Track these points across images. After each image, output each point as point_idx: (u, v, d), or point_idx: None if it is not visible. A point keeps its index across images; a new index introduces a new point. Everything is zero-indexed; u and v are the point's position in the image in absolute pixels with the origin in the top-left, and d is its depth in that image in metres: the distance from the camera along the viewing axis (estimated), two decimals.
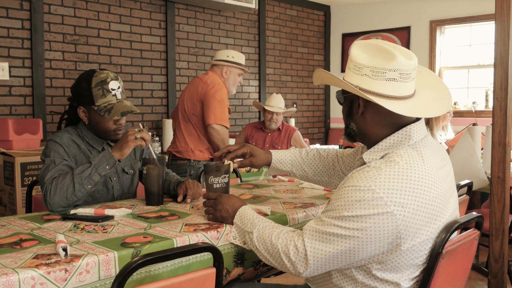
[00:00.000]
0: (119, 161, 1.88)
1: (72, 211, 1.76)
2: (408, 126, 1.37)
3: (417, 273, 1.34)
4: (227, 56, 3.45)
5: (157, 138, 4.68)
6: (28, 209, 2.29)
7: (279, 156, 1.88)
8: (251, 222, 1.50)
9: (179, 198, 1.97)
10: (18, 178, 3.07)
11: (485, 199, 4.37)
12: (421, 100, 1.39)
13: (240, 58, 3.49)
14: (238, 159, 1.86)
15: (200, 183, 2.37)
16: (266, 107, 4.35)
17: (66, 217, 1.70)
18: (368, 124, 1.41)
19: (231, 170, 1.72)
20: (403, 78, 1.34)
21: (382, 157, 1.36)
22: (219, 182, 1.69)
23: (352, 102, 1.43)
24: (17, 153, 3.12)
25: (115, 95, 1.96)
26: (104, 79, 1.95)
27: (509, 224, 2.69)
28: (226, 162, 1.75)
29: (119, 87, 1.99)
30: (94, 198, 2.03)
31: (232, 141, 4.42)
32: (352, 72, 1.39)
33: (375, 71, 1.34)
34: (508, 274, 2.73)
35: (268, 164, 1.87)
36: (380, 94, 1.34)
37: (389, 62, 1.33)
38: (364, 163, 1.41)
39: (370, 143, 1.44)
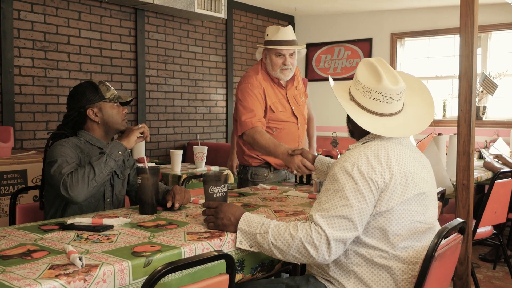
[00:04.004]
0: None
1: (69, 221, 1.78)
2: None
3: (406, 243, 1.55)
4: (266, 36, 2.75)
5: None
6: (12, 220, 2.27)
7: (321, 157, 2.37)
8: (261, 223, 1.60)
9: (168, 204, 2.02)
10: None
11: (445, 204, 4.61)
12: (400, 120, 1.68)
13: (273, 33, 2.71)
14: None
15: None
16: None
17: (64, 227, 1.72)
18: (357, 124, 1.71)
19: (231, 180, 1.79)
20: (385, 100, 1.64)
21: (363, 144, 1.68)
22: (219, 191, 1.76)
23: None
24: None
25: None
26: (99, 81, 2.24)
27: (472, 229, 2.88)
28: (225, 172, 1.82)
29: None
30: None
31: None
32: (353, 84, 1.73)
33: (365, 89, 1.66)
34: (472, 275, 2.91)
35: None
36: (365, 108, 1.68)
37: (376, 84, 1.63)
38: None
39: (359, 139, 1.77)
